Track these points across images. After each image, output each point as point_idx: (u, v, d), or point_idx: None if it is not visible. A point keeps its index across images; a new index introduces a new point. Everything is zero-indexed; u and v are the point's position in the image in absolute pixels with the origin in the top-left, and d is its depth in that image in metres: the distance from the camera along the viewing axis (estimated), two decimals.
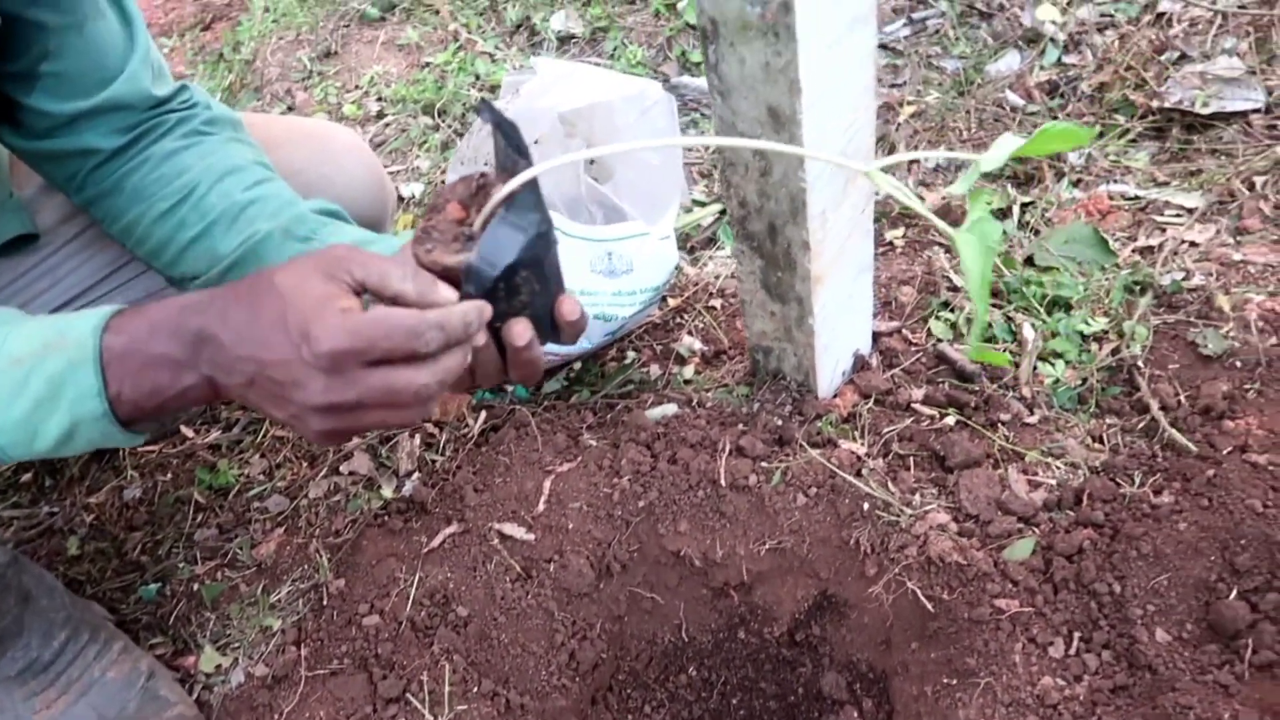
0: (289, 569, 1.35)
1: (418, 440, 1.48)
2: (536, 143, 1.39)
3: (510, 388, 1.58)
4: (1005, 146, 0.69)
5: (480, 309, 0.75)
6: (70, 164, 1.06)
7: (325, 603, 1.29)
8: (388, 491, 1.41)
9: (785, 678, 1.33)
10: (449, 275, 0.75)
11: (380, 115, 2.52)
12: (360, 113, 2.54)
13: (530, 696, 1.21)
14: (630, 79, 1.46)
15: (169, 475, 1.54)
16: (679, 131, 1.46)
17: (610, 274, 1.43)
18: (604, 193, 1.43)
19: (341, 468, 1.47)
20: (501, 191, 0.74)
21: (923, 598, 1.19)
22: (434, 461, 1.45)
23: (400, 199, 2.18)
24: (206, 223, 1.06)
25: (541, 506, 1.33)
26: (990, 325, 1.52)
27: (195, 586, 1.35)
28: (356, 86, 2.65)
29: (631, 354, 1.62)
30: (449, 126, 2.41)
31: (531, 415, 1.46)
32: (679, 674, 1.34)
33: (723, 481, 1.30)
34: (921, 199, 1.99)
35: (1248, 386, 1.33)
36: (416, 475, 1.44)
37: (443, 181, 2.20)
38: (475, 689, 1.19)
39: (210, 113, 1.14)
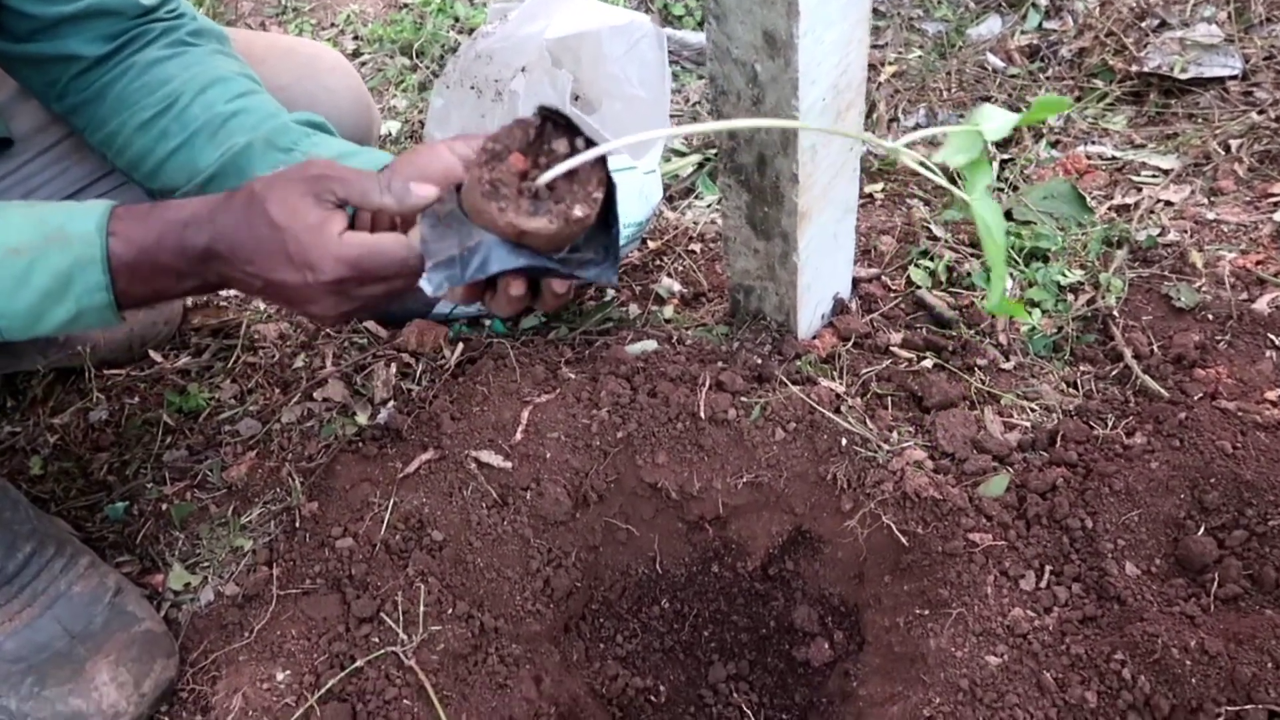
0: (260, 491, 1.33)
1: (393, 369, 1.47)
2: (523, 70, 1.38)
3: (488, 321, 1.57)
4: (998, 118, 0.72)
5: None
6: (52, 70, 1.02)
7: (298, 525, 1.27)
8: (362, 418, 1.40)
9: (757, 611, 1.34)
10: (521, 238, 0.73)
11: (357, 54, 2.47)
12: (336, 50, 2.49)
13: (505, 620, 1.21)
14: (619, 10, 1.44)
15: (136, 399, 1.51)
16: (667, 66, 1.45)
17: None
18: (591, 125, 1.42)
19: (315, 394, 1.45)
20: (585, 155, 0.71)
21: (897, 532, 1.21)
22: (410, 390, 1.43)
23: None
24: (188, 134, 1.04)
25: (519, 435, 1.32)
26: (969, 274, 1.53)
27: (164, 506, 1.33)
28: (332, 24, 2.60)
29: (610, 293, 1.61)
30: (427, 67, 2.37)
31: (510, 348, 1.45)
32: (652, 605, 1.35)
33: (702, 414, 1.30)
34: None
35: (1218, 338, 1.36)
36: (392, 403, 1.42)
37: (421, 121, 2.17)
38: (450, 610, 1.18)
39: (196, 24, 1.12)
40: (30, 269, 0.78)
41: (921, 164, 0.75)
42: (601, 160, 0.73)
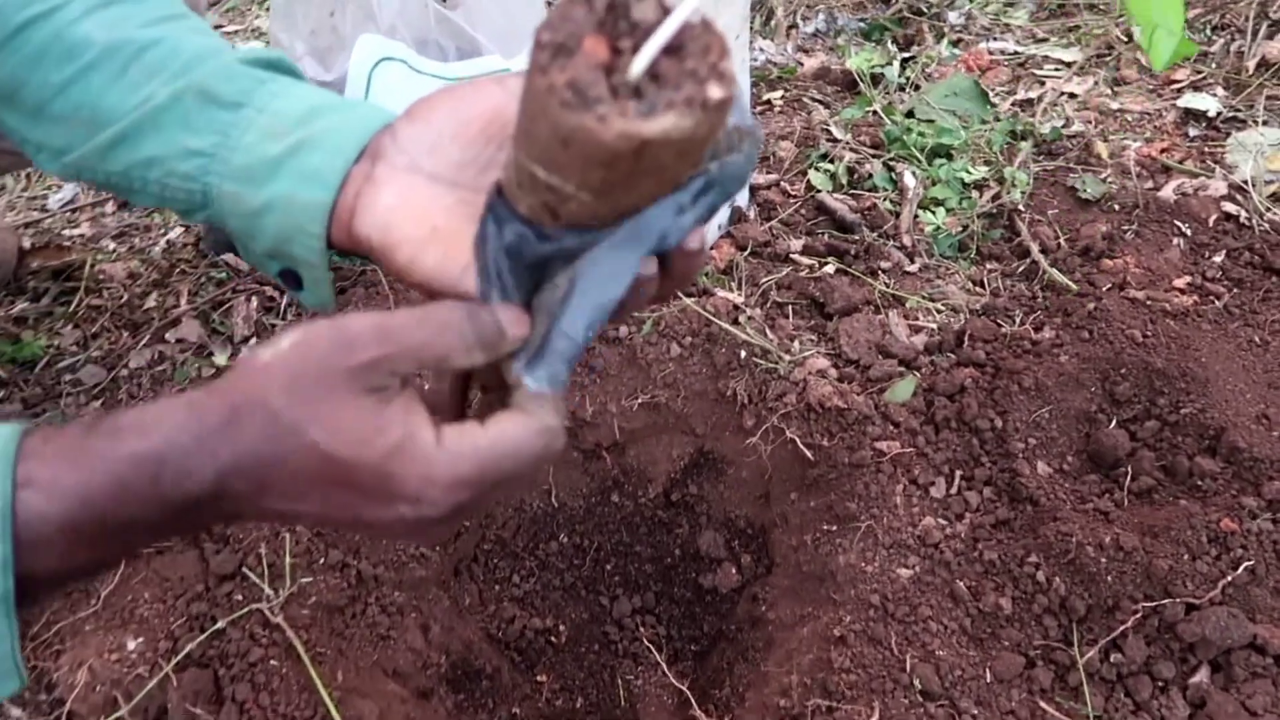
0: None
1: (255, 304, 1.34)
2: None
3: None
4: None
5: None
6: None
7: None
8: (221, 358, 1.27)
9: (661, 540, 1.26)
10: (642, 155, 0.42)
11: None
12: None
13: (385, 568, 1.11)
14: None
15: None
16: None
17: None
18: (456, 23, 1.29)
19: (168, 335, 1.31)
20: (669, 24, 0.40)
21: (802, 445, 1.13)
22: (274, 326, 1.31)
23: None
24: (81, 64, 0.67)
25: None
26: (870, 175, 1.46)
27: None
28: None
29: None
30: None
31: (382, 275, 1.33)
32: (549, 541, 1.26)
33: None
34: (800, 64, 1.90)
35: (1125, 228, 1.31)
36: (254, 341, 1.29)
37: None
38: (321, 560, 1.08)
39: None
40: None
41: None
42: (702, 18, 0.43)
